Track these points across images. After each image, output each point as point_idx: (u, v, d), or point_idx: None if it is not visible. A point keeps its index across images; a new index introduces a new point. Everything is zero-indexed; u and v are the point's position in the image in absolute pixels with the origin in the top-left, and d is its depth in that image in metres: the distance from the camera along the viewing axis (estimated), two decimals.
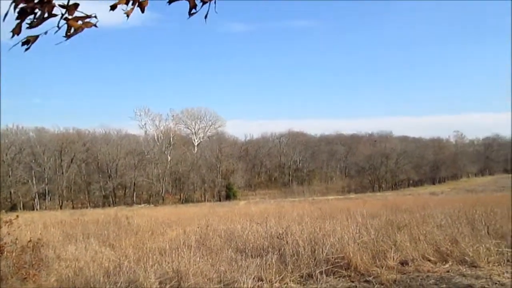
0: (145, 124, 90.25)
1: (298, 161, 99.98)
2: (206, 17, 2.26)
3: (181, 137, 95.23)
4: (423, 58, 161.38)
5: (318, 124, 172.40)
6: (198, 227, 13.10)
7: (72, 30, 2.09)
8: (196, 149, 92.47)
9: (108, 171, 75.98)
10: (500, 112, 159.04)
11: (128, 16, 2.16)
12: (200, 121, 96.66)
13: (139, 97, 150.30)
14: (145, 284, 6.23)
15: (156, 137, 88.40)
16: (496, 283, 5.74)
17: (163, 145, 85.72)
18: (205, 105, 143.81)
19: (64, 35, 2.08)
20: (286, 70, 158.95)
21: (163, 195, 76.72)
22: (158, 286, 6.23)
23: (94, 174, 76.90)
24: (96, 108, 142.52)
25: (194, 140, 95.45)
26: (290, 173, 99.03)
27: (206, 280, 6.40)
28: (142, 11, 2.24)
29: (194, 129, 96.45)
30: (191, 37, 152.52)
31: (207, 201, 72.37)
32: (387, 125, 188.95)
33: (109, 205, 67.51)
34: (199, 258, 7.47)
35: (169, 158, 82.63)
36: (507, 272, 6.26)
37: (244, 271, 6.47)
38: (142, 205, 64.95)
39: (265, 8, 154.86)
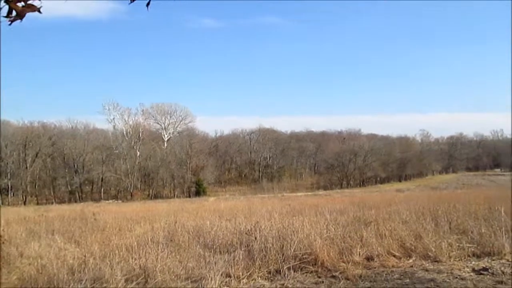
0: (113, 118, 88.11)
1: (268, 157, 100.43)
2: (148, 4, 2.21)
3: (150, 132, 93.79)
4: (392, 58, 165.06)
5: (288, 121, 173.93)
6: (166, 223, 12.94)
7: (14, 13, 1.99)
8: (165, 144, 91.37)
9: (74, 166, 74.08)
10: (464, 112, 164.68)
11: None
12: (170, 117, 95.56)
13: (107, 90, 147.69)
14: (111, 281, 6.11)
15: (125, 132, 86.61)
16: (457, 277, 5.92)
17: (132, 140, 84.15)
18: (175, 100, 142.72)
19: (5, 16, 1.97)
20: (257, 66, 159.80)
21: (131, 191, 75.44)
22: (125, 283, 6.12)
23: (60, 169, 74.86)
24: (63, 102, 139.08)
25: (164, 136, 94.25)
26: (260, 169, 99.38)
27: (173, 276, 6.33)
28: None
29: (164, 124, 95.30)
30: (161, 32, 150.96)
31: (176, 197, 71.64)
32: (356, 123, 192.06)
33: (75, 201, 66.01)
34: (167, 255, 7.39)
35: (138, 153, 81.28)
36: (467, 267, 6.47)
37: (212, 267, 6.43)
38: (110, 201, 63.73)
39: (236, 4, 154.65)
